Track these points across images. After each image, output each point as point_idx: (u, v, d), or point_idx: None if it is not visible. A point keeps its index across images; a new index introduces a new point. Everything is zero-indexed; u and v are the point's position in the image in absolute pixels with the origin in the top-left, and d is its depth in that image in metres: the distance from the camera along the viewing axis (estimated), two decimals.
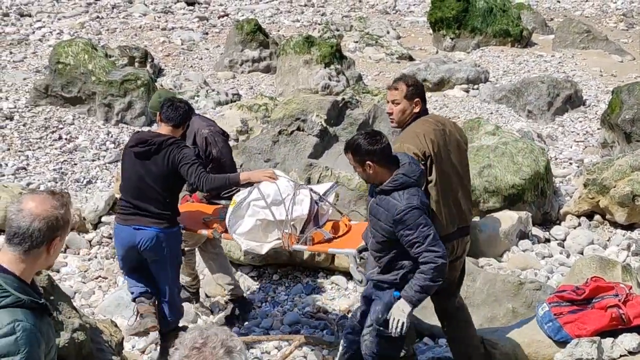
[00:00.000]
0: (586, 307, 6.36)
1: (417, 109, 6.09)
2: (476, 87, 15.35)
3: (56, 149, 11.76)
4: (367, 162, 5.50)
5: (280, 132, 9.22)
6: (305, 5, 21.64)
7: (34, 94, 13.29)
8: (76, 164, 11.28)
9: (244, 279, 8.50)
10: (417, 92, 6.12)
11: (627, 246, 9.32)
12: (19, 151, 11.60)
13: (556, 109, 14.03)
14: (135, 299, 6.86)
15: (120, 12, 19.84)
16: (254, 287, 8.46)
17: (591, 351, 6.04)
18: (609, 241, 9.53)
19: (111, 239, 8.50)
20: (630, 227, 9.74)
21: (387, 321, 5.61)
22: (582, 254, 9.12)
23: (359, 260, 6.39)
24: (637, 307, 6.23)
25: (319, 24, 19.37)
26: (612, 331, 6.24)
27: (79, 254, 9.04)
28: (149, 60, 15.50)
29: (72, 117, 12.76)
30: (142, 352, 7.33)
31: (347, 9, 21.67)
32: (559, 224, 9.92)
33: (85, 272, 8.73)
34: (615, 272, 7.07)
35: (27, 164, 11.22)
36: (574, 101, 14.33)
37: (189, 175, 6.49)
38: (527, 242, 9.29)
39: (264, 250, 6.72)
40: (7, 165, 11.08)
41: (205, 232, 7.05)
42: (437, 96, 14.84)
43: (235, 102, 13.47)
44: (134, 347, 7.35)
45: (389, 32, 18.90)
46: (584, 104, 14.49)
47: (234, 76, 15.83)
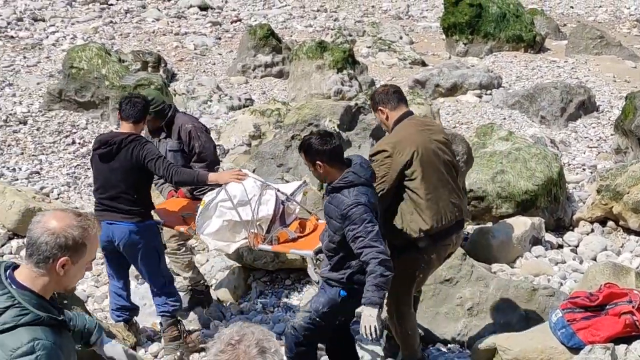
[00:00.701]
0: (600, 314, 6.33)
1: (384, 116, 6.41)
2: (489, 92, 15.32)
3: (69, 153, 11.81)
4: (318, 161, 5.77)
5: (293, 137, 9.23)
6: (318, 10, 21.67)
7: (48, 99, 13.34)
8: (89, 169, 11.29)
9: (257, 284, 8.51)
10: (376, 102, 6.46)
11: None
12: (33, 155, 11.64)
13: (569, 115, 13.99)
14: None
15: (133, 17, 19.90)
16: (267, 292, 8.46)
17: (605, 358, 6.01)
18: (622, 247, 9.48)
19: None
20: None
21: (326, 314, 5.89)
22: (595, 260, 9.08)
23: (315, 261, 6.59)
24: None
25: (332, 29, 19.38)
26: (625, 338, 6.21)
27: None
28: (162, 65, 15.55)
29: (85, 122, 12.81)
30: (155, 357, 7.34)
31: (359, 14, 21.67)
32: (572, 230, 9.89)
33: (98, 276, 8.75)
34: (628, 278, 7.05)
35: (41, 168, 11.26)
36: (587, 107, 14.30)
37: (157, 168, 6.67)
38: (540, 248, 9.26)
39: (231, 249, 6.89)
40: (20, 169, 11.12)
41: (182, 229, 7.20)
42: (449, 101, 14.82)
43: (247, 107, 13.49)
44: (146, 352, 7.35)
45: (401, 38, 18.89)
46: (597, 110, 14.44)
47: (247, 81, 15.86)
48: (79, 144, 12.11)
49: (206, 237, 6.78)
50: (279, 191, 6.86)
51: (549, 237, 9.56)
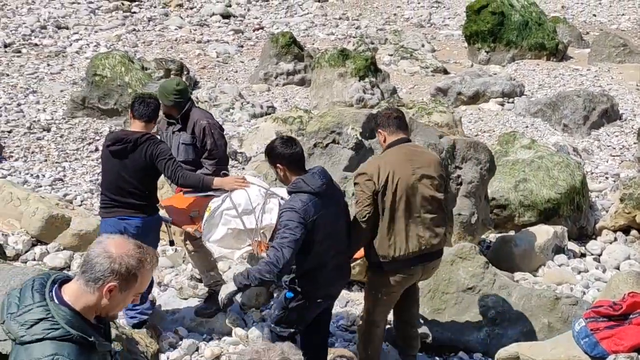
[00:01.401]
0: (623, 323, 6.30)
1: (382, 138, 6.53)
2: (511, 100, 15.29)
3: (92, 160, 11.87)
4: (278, 164, 6.01)
5: (315, 145, 9.22)
6: (340, 18, 21.70)
7: (71, 106, 13.43)
8: None
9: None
10: (376, 124, 6.65)
11: None
12: (56, 162, 11.72)
13: (592, 123, 13.95)
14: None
15: (156, 25, 20.01)
16: None
17: None
18: None
19: None
20: None
21: (281, 318, 6.18)
22: (618, 269, 9.04)
23: None
24: None
25: (354, 37, 19.40)
26: None
27: None
28: (185, 72, 15.61)
29: (108, 129, 12.87)
30: None
31: (381, 22, 21.69)
32: (595, 239, 9.85)
33: None
34: None
35: (64, 175, 11.33)
36: (610, 115, 14.24)
37: (166, 169, 6.87)
38: (563, 256, 9.23)
39: (235, 256, 6.96)
40: (44, 176, 11.19)
41: (189, 228, 7.26)
42: (472, 109, 14.80)
43: (270, 114, 13.53)
44: (168, 358, 7.37)
45: (423, 46, 18.90)
46: (620, 118, 14.39)
47: (269, 89, 15.90)
48: None
49: (211, 245, 6.87)
50: (283, 199, 6.89)
51: (572, 245, 9.53)
